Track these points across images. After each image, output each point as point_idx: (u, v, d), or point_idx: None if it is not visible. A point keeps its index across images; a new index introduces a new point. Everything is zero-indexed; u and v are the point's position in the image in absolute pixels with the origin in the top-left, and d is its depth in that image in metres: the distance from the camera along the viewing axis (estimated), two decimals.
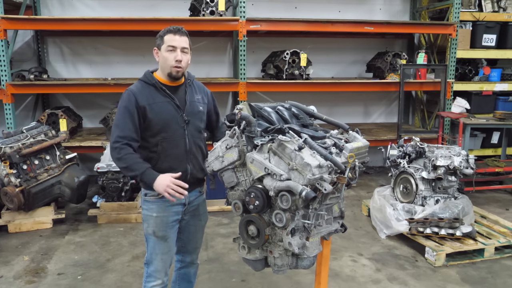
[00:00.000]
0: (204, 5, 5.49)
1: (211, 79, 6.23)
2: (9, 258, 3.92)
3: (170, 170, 2.40)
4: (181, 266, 2.80)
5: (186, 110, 2.47)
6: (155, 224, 2.48)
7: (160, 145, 2.43)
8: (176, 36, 2.39)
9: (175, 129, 2.44)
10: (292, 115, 2.55)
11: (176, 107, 2.45)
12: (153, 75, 2.49)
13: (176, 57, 2.38)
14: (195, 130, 2.52)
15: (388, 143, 4.86)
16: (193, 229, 2.68)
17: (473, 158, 4.48)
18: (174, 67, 2.39)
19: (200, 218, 2.70)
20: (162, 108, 2.42)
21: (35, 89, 5.76)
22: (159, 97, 2.43)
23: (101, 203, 4.76)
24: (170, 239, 2.54)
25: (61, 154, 4.84)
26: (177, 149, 2.46)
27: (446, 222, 4.05)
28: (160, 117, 2.41)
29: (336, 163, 2.10)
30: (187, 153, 2.48)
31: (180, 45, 2.39)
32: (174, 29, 2.41)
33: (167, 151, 2.44)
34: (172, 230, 2.55)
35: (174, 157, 2.45)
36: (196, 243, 2.76)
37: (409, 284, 3.51)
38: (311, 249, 2.26)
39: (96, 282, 3.50)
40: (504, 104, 6.51)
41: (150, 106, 2.39)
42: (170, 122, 2.43)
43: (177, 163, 2.46)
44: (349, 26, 5.90)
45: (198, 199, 2.65)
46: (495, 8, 6.40)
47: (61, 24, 5.51)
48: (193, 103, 2.52)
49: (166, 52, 2.39)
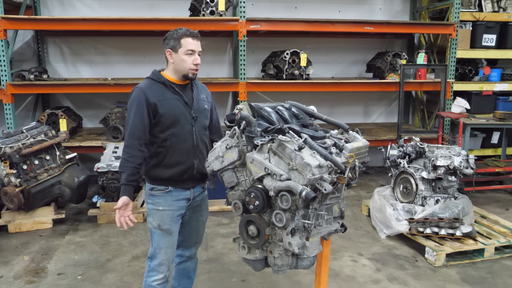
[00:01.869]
0: (204, 5, 5.49)
1: (211, 79, 6.23)
2: (9, 258, 3.92)
3: (178, 164, 2.52)
4: (180, 261, 2.84)
5: (194, 107, 2.56)
6: (161, 218, 2.55)
7: (169, 140, 2.50)
8: (195, 40, 2.53)
9: (183, 125, 2.52)
10: (292, 115, 2.55)
11: (184, 104, 2.53)
12: (161, 74, 2.57)
13: (196, 61, 2.52)
14: (201, 127, 2.61)
15: (388, 143, 4.86)
16: (194, 224, 2.76)
17: (473, 158, 4.48)
18: (191, 69, 2.52)
19: (202, 213, 2.78)
20: (172, 104, 2.50)
21: (35, 89, 5.75)
22: (168, 94, 2.52)
23: (101, 203, 4.76)
24: (174, 233, 2.61)
25: (61, 154, 4.84)
26: (185, 144, 2.53)
27: (446, 222, 4.05)
28: (171, 113, 2.49)
29: (336, 163, 2.10)
30: (194, 149, 2.56)
31: (197, 49, 2.54)
32: (192, 33, 2.53)
33: (176, 146, 2.52)
34: (177, 225, 2.61)
35: (182, 152, 2.53)
36: (197, 237, 2.83)
37: (409, 284, 3.51)
38: (311, 249, 2.26)
39: (96, 282, 3.50)
40: (504, 104, 6.51)
41: (161, 102, 2.47)
42: (179, 118, 2.51)
43: (185, 158, 2.54)
44: (349, 26, 5.90)
45: (201, 195, 2.73)
46: (495, 8, 6.40)
47: (61, 24, 5.51)
48: (199, 101, 2.62)
49: (184, 55, 2.50)
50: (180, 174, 2.55)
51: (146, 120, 2.45)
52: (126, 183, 2.44)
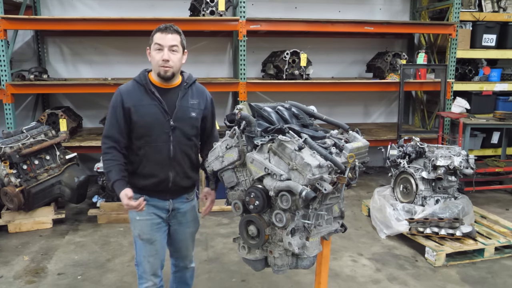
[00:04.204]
0: (204, 5, 5.49)
1: (211, 79, 6.23)
2: (9, 258, 3.92)
3: (151, 176, 2.38)
4: (176, 270, 2.79)
5: (174, 115, 2.37)
6: (140, 227, 2.46)
7: (143, 149, 2.37)
8: (163, 34, 2.31)
9: (158, 134, 2.36)
10: (292, 115, 2.55)
11: (163, 111, 2.36)
12: (147, 75, 2.43)
13: (163, 56, 2.30)
14: (182, 137, 2.41)
15: (388, 143, 4.87)
16: (182, 237, 2.62)
17: (473, 158, 4.48)
18: (161, 66, 2.32)
19: (189, 225, 2.62)
20: (148, 110, 2.34)
21: (35, 89, 5.75)
22: (146, 99, 2.35)
23: (101, 203, 4.76)
24: (157, 242, 2.49)
25: (61, 154, 4.84)
26: (159, 155, 2.37)
27: (446, 222, 4.05)
28: (144, 120, 2.34)
29: (336, 163, 2.10)
30: (170, 160, 2.39)
31: (167, 43, 2.30)
32: (162, 27, 2.32)
33: (149, 156, 2.37)
34: (159, 233, 2.49)
35: (156, 163, 2.38)
36: (186, 250, 2.69)
37: (409, 284, 3.51)
38: (311, 249, 2.26)
39: (96, 282, 3.50)
40: (504, 104, 6.50)
41: (136, 107, 2.33)
42: (154, 126, 2.34)
43: (159, 170, 2.39)
44: (349, 26, 5.90)
45: (186, 205, 2.57)
46: (495, 8, 6.40)
47: (61, 24, 5.50)
48: (184, 108, 2.41)
49: (154, 51, 2.33)
50: (154, 185, 2.41)
51: (121, 124, 2.34)
52: (119, 178, 2.33)
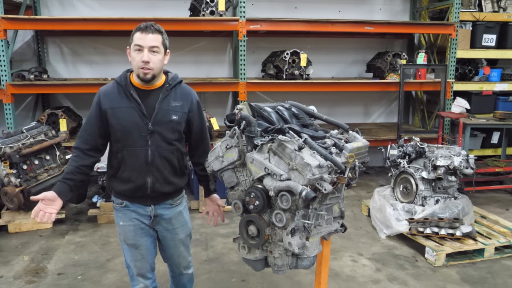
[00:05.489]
0: (204, 5, 5.49)
1: (211, 79, 6.23)
2: (9, 258, 3.92)
3: (129, 181, 2.33)
4: (173, 275, 2.77)
5: (153, 118, 2.27)
6: (124, 233, 2.44)
7: (120, 153, 2.31)
8: (143, 34, 2.18)
9: (136, 138, 2.27)
10: (292, 115, 2.54)
11: (141, 114, 2.26)
12: (128, 75, 2.33)
13: (143, 58, 2.18)
14: (162, 141, 2.31)
15: (388, 143, 4.87)
16: (171, 244, 2.54)
17: (473, 158, 4.48)
18: (140, 68, 2.20)
19: (177, 232, 2.52)
20: (126, 114, 2.25)
21: (35, 89, 5.75)
22: (124, 101, 2.27)
23: (101, 203, 4.76)
24: (142, 247, 2.45)
25: (61, 154, 4.84)
26: (136, 160, 2.30)
27: (446, 222, 4.05)
28: (121, 124, 2.26)
29: (336, 163, 2.10)
30: (148, 166, 2.31)
31: (147, 44, 2.17)
32: (142, 26, 2.20)
33: (127, 160, 2.31)
34: (144, 238, 2.45)
35: (133, 168, 2.31)
36: (178, 257, 2.60)
37: (409, 284, 3.51)
38: (311, 249, 2.26)
39: (96, 282, 3.50)
40: (504, 104, 6.51)
41: (113, 110, 2.26)
42: (131, 130, 2.26)
43: (136, 175, 2.32)
44: (349, 26, 5.90)
45: (170, 212, 2.47)
46: (495, 8, 6.40)
47: (61, 24, 5.50)
48: (164, 110, 2.30)
49: (134, 51, 2.21)
50: (132, 191, 2.35)
51: (94, 126, 2.30)
52: (61, 180, 2.28)
